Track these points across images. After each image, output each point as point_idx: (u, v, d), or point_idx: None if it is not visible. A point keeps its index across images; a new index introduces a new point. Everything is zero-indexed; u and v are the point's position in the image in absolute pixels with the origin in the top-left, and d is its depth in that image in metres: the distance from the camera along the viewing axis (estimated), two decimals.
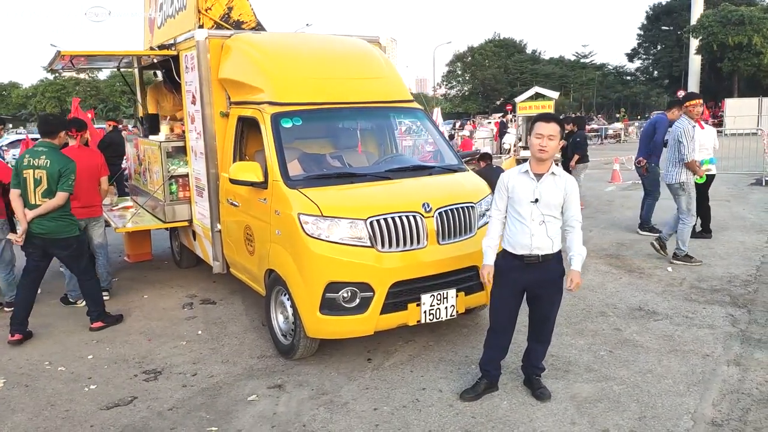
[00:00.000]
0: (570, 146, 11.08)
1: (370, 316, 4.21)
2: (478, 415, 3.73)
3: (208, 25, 6.02)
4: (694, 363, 4.37)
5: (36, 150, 5.25)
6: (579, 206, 3.80)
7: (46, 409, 3.98)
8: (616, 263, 7.15)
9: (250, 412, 3.85)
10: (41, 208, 5.09)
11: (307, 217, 4.25)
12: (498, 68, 68.80)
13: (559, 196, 3.69)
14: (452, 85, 75.44)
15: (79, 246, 5.47)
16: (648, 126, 9.07)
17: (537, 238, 3.67)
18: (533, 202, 3.67)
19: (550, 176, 3.70)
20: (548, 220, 3.69)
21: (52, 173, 5.10)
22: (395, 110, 5.47)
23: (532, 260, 3.71)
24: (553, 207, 3.69)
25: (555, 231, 3.73)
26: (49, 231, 5.17)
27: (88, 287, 5.49)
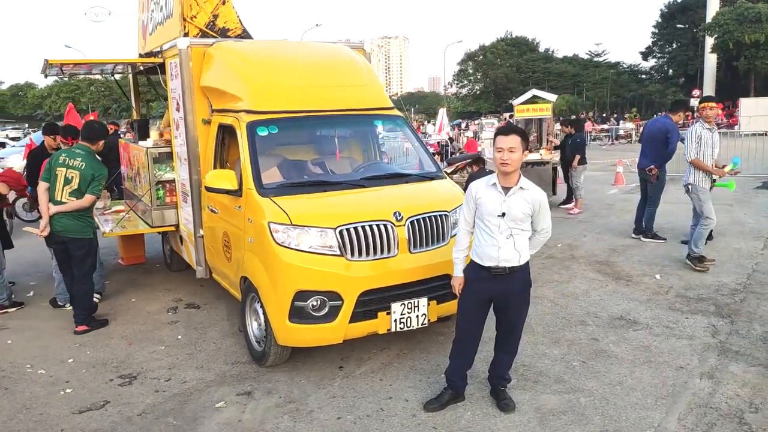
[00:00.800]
0: (569, 148, 11.05)
1: (338, 325, 4.24)
2: (439, 425, 3.75)
3: (193, 33, 6.08)
4: (666, 375, 4.35)
5: (74, 151, 5.55)
6: (549, 218, 3.82)
7: (21, 413, 4.07)
8: (605, 270, 7.11)
9: (216, 419, 3.90)
10: (66, 205, 5.37)
11: (277, 225, 4.28)
12: (510, 67, 68.53)
13: (527, 209, 3.67)
14: (463, 83, 75.24)
15: (91, 249, 5.64)
16: (657, 132, 8.33)
17: (504, 251, 3.67)
18: (500, 216, 3.65)
19: (518, 190, 3.67)
20: (516, 233, 3.68)
21: (86, 176, 5.40)
22: (374, 117, 5.48)
23: (499, 272, 3.71)
24: (521, 221, 3.68)
25: (523, 244, 3.72)
26: (66, 229, 5.43)
27: (80, 291, 5.60)
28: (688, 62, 57.82)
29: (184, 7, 5.99)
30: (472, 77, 76.02)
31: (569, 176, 11.24)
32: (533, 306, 5.77)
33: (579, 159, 10.74)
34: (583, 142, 10.98)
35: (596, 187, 14.14)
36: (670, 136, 8.22)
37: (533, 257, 3.96)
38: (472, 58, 74.27)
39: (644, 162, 8.44)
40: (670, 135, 8.22)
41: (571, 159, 10.76)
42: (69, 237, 5.46)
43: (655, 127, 8.52)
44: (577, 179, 10.96)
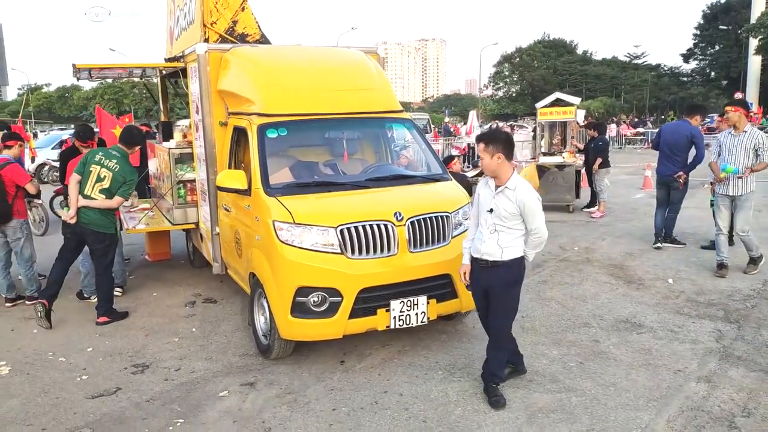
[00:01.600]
0: (591, 151, 11.00)
1: (338, 320, 4.39)
2: (429, 419, 3.86)
3: (213, 39, 6.33)
4: (662, 378, 4.37)
5: (111, 153, 5.87)
6: (540, 219, 3.92)
7: (39, 396, 4.34)
8: (618, 273, 7.10)
9: (218, 407, 4.10)
10: (96, 202, 5.69)
11: (281, 223, 4.47)
12: (547, 69, 67.80)
13: (511, 208, 3.85)
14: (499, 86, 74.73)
15: (112, 244, 5.93)
16: (681, 138, 8.02)
17: (487, 245, 3.94)
18: (489, 211, 3.94)
19: (504, 189, 3.89)
20: (501, 229, 3.90)
21: (117, 179, 5.72)
22: (382, 120, 5.62)
23: (483, 264, 4.00)
24: (506, 218, 3.87)
25: (508, 241, 3.91)
26: (92, 222, 5.72)
27: (102, 283, 5.88)
28: (731, 64, 56.23)
29: (204, 14, 6.24)
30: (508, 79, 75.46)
31: (592, 180, 11.19)
32: (539, 307, 5.89)
33: (601, 162, 10.68)
34: (605, 145, 10.91)
35: (623, 191, 14.00)
36: (697, 142, 8.04)
37: (548, 260, 4.06)
38: (509, 60, 73.74)
39: (670, 168, 8.11)
40: (697, 140, 8.05)
41: (594, 162, 10.71)
42: (93, 230, 5.75)
43: (678, 133, 8.17)
44: (600, 183, 10.90)
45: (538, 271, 7.32)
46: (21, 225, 6.26)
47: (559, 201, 11.53)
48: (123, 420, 3.96)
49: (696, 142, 8.04)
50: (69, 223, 5.71)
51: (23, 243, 6.28)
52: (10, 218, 6.15)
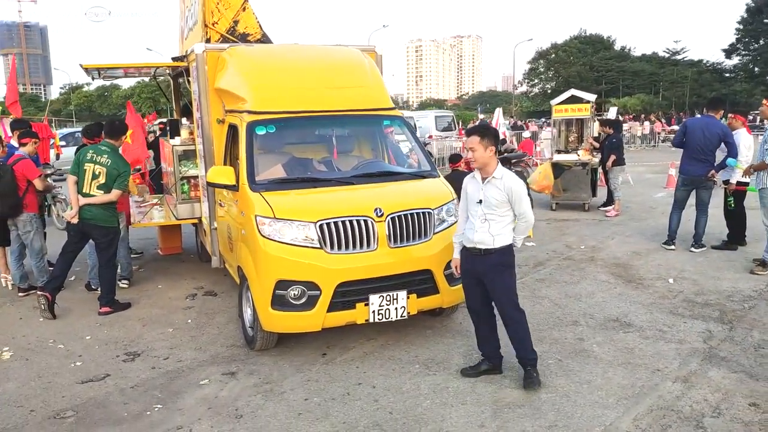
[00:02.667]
0: (606, 148, 10.85)
1: (317, 313, 4.50)
2: (395, 411, 3.94)
3: (215, 39, 6.52)
4: (638, 377, 4.34)
5: (100, 148, 6.08)
6: (526, 204, 4.16)
7: (33, 380, 4.58)
8: (620, 273, 7.02)
9: (197, 394, 4.26)
10: (96, 198, 5.92)
11: (263, 218, 4.60)
12: (583, 66, 66.71)
13: (500, 196, 4.07)
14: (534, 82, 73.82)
15: (116, 237, 6.17)
16: (711, 136, 7.59)
17: (479, 234, 4.13)
18: (478, 202, 4.13)
19: (492, 179, 4.11)
20: (491, 218, 4.10)
21: (111, 173, 5.92)
22: (372, 117, 5.69)
23: (476, 253, 4.17)
24: (496, 207, 4.08)
25: (499, 229, 4.12)
26: (94, 218, 5.97)
27: (105, 275, 6.13)
28: None
29: (206, 14, 6.44)
30: (543, 76, 74.53)
31: (607, 178, 11.05)
32: (530, 305, 5.89)
33: (615, 160, 10.54)
34: (619, 143, 10.75)
35: (644, 190, 13.77)
36: (731, 140, 7.62)
37: (551, 258, 4.13)
38: (544, 57, 72.80)
39: (701, 168, 7.69)
40: (730, 139, 7.64)
41: (607, 159, 10.58)
42: (96, 225, 5.99)
43: (710, 131, 7.65)
44: (614, 181, 10.75)
45: (538, 269, 7.30)
46: (31, 218, 6.55)
47: (575, 199, 11.42)
48: (106, 404, 4.15)
49: (729, 140, 7.62)
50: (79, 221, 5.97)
51: (33, 236, 6.57)
52: (21, 211, 6.44)
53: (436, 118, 23.51)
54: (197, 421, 3.89)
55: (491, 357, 4.44)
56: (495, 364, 4.45)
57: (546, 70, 72.92)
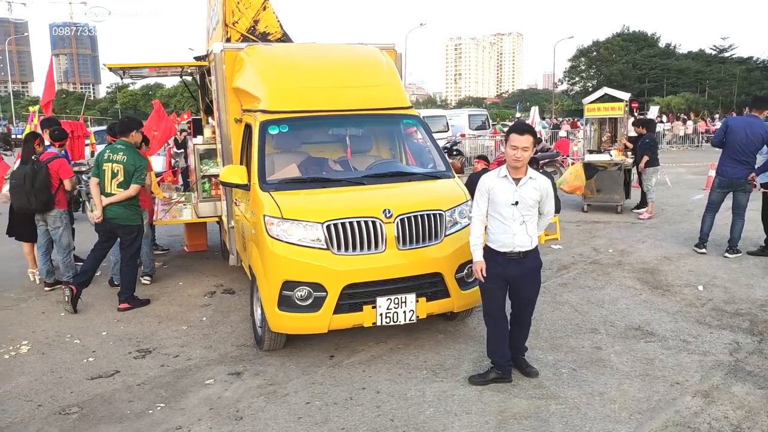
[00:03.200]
0: (638, 149, 10.52)
1: (323, 315, 4.44)
2: (397, 418, 3.84)
3: (235, 38, 6.53)
4: (656, 390, 4.14)
5: (115, 147, 6.19)
6: (553, 202, 4.24)
7: (46, 375, 4.65)
8: (647, 278, 6.76)
9: (201, 394, 4.24)
10: (116, 196, 6.01)
11: (271, 218, 4.56)
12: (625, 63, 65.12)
13: (536, 196, 4.07)
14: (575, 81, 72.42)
15: (139, 235, 6.26)
16: (755, 137, 7.23)
17: (518, 237, 4.05)
18: (514, 204, 4.02)
19: (528, 180, 4.06)
20: (527, 219, 4.07)
21: (128, 169, 6.00)
22: (388, 117, 5.60)
23: (513, 257, 4.09)
24: (531, 207, 4.08)
25: (533, 229, 4.11)
26: (118, 217, 6.08)
27: (126, 272, 6.21)
28: None
29: (227, 14, 6.46)
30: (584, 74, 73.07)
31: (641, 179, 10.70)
32: (550, 311, 5.72)
33: (648, 160, 10.19)
34: (652, 143, 10.39)
35: (682, 191, 13.31)
36: None
37: (577, 262, 4.02)
38: (585, 54, 71.38)
39: (741, 170, 7.32)
40: None
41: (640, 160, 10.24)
42: (119, 224, 6.08)
43: (753, 132, 7.27)
44: (648, 182, 10.40)
45: (562, 273, 7.09)
46: (61, 215, 6.68)
47: (608, 201, 11.11)
48: (111, 401, 4.18)
49: None
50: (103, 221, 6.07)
51: (62, 231, 6.70)
52: (52, 207, 6.58)
53: (470, 116, 23.26)
54: (197, 421, 3.87)
55: (503, 365, 4.31)
56: (505, 372, 4.32)
57: (587, 68, 71.50)
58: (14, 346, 5.21)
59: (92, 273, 6.30)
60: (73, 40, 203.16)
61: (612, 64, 66.57)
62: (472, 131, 22.39)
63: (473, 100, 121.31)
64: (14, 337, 5.41)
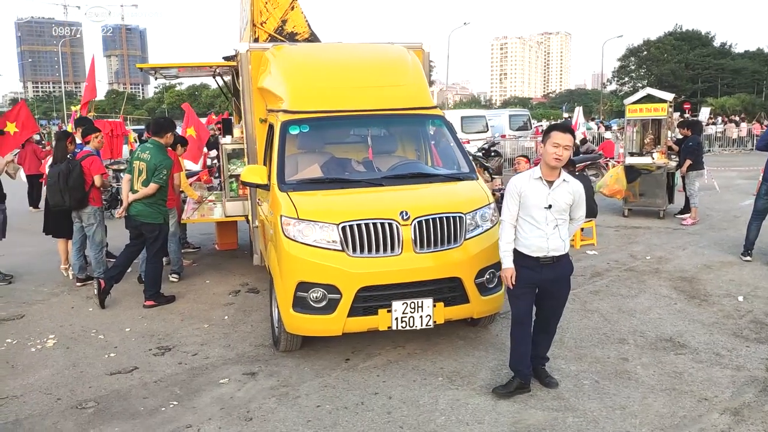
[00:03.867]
0: (682, 152, 10.11)
1: (337, 318, 4.38)
2: (407, 425, 3.75)
3: (263, 38, 6.56)
4: (681, 405, 3.93)
5: (145, 146, 6.33)
6: (585, 207, 4.12)
7: (68, 368, 4.74)
8: (684, 287, 6.46)
9: (214, 393, 4.25)
10: (137, 194, 6.12)
11: (287, 218, 4.53)
12: (678, 63, 63.06)
13: (569, 199, 3.96)
14: (624, 81, 70.57)
15: (162, 233, 6.35)
16: None
17: (552, 241, 3.93)
18: (547, 207, 3.90)
19: (562, 183, 3.95)
20: (560, 223, 3.96)
21: (150, 167, 6.08)
22: (411, 117, 5.50)
23: (547, 261, 3.96)
24: (564, 211, 3.97)
25: (565, 233, 4.01)
26: (139, 213, 6.19)
27: (151, 269, 6.31)
28: None
29: (255, 14, 6.49)
30: (634, 74, 71.16)
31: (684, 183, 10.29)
32: (578, 319, 5.54)
33: (691, 164, 9.78)
34: (695, 146, 9.95)
35: (731, 197, 12.75)
36: None
37: (611, 268, 3.90)
38: (635, 54, 69.48)
39: None
40: None
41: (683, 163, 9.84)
42: (141, 221, 6.17)
43: None
44: (691, 186, 9.99)
45: (595, 280, 6.85)
46: (95, 212, 6.84)
47: (650, 206, 10.72)
48: (126, 397, 4.23)
49: None
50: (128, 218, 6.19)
51: (95, 228, 6.86)
52: (86, 204, 6.75)
53: (510, 117, 22.90)
54: (207, 420, 3.87)
55: (524, 374, 4.16)
56: (527, 381, 4.17)
57: (637, 68, 69.60)
58: (41, 339, 5.34)
59: (123, 270, 6.41)
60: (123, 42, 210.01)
61: (663, 63, 64.61)
62: (513, 132, 22.04)
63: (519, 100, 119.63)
64: (42, 331, 5.56)
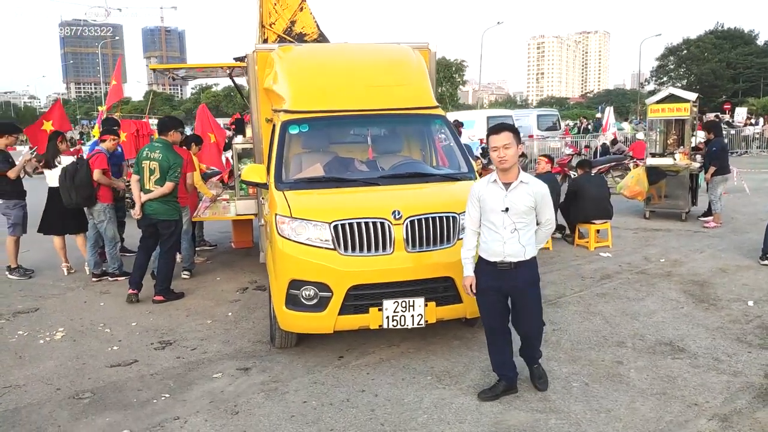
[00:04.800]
0: (706, 157, 9.86)
1: (328, 315, 4.43)
2: (387, 423, 3.78)
3: (272, 39, 6.67)
4: (669, 410, 3.86)
5: (153, 145, 6.49)
6: (551, 210, 3.93)
7: (71, 360, 4.91)
8: (694, 291, 6.33)
9: (205, 387, 4.35)
10: (153, 193, 6.27)
11: (282, 217, 4.61)
12: (718, 63, 61.23)
13: (529, 202, 3.78)
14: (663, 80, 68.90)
15: (177, 229, 6.52)
16: None
17: (509, 246, 3.79)
18: (504, 211, 3.77)
19: (519, 184, 3.79)
20: (520, 227, 3.79)
21: (163, 166, 6.23)
22: (410, 117, 5.52)
23: (505, 267, 3.83)
24: (525, 214, 3.79)
25: (527, 238, 3.82)
26: (156, 212, 6.35)
27: (163, 265, 6.48)
28: None
29: (264, 15, 6.60)
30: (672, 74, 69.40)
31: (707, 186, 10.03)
32: (579, 321, 5.49)
33: (717, 169, 9.51)
34: (720, 149, 9.68)
35: (760, 199, 12.35)
36: None
37: (622, 271, 3.87)
38: (674, 53, 67.76)
39: None
40: None
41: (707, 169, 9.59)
42: (158, 219, 6.35)
43: None
44: (713, 191, 9.71)
45: (603, 282, 6.76)
46: (105, 208, 7.06)
47: (672, 208, 10.48)
48: (122, 389, 4.36)
49: None
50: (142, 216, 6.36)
51: (107, 225, 7.08)
52: (95, 202, 6.97)
53: (539, 117, 22.66)
54: (195, 413, 3.97)
55: (509, 378, 4.13)
56: (512, 383, 4.14)
57: (676, 68, 67.87)
58: (51, 332, 5.54)
59: (143, 269, 6.54)
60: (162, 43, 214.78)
61: (703, 63, 62.83)
62: (541, 132, 21.81)
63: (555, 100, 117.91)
64: (53, 324, 5.76)
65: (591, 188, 8.51)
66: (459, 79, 60.89)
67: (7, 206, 7.22)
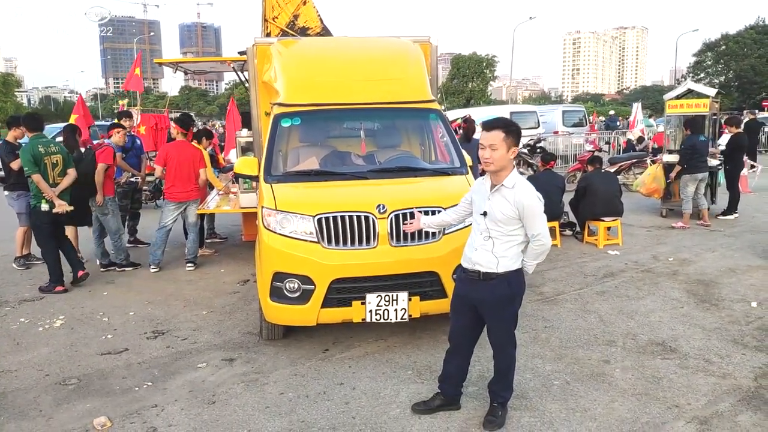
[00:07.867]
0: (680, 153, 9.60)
1: (311, 308, 4.46)
2: (359, 416, 3.79)
3: (275, 33, 6.71)
4: (648, 411, 3.78)
5: (44, 141, 6.70)
6: (542, 224, 3.37)
7: (65, 347, 5.04)
8: (697, 291, 6.17)
9: (188, 376, 4.42)
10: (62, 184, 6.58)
11: (268, 210, 4.65)
12: (759, 59, 59.23)
13: (508, 210, 3.33)
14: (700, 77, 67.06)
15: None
16: None
17: (478, 253, 3.46)
18: (482, 214, 3.45)
19: (500, 188, 3.37)
20: (495, 236, 3.39)
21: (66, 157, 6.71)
22: (404, 111, 5.50)
23: (472, 275, 3.50)
24: (502, 223, 3.36)
25: (504, 250, 3.39)
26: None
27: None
28: None
29: (267, 9, 6.64)
30: (710, 70, 67.50)
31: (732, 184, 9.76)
32: (572, 318, 5.41)
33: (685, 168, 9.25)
34: (689, 147, 9.23)
35: None
36: None
37: (627, 269, 3.81)
38: (712, 49, 65.87)
39: None
40: None
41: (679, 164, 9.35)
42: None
43: None
44: (683, 190, 9.42)
45: (605, 280, 6.64)
46: (107, 201, 7.20)
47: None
48: (107, 376, 4.46)
49: None
50: None
51: (110, 217, 7.23)
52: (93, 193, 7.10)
53: (564, 113, 22.29)
54: (173, 402, 4.03)
55: (448, 393, 3.83)
56: (451, 401, 3.84)
57: (714, 64, 65.94)
58: (51, 320, 5.69)
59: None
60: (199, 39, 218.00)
61: (743, 59, 60.89)
62: (567, 128, 21.46)
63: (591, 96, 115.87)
64: (55, 312, 5.92)
65: (600, 185, 8.35)
66: (490, 74, 60.38)
67: (12, 197, 7.43)
